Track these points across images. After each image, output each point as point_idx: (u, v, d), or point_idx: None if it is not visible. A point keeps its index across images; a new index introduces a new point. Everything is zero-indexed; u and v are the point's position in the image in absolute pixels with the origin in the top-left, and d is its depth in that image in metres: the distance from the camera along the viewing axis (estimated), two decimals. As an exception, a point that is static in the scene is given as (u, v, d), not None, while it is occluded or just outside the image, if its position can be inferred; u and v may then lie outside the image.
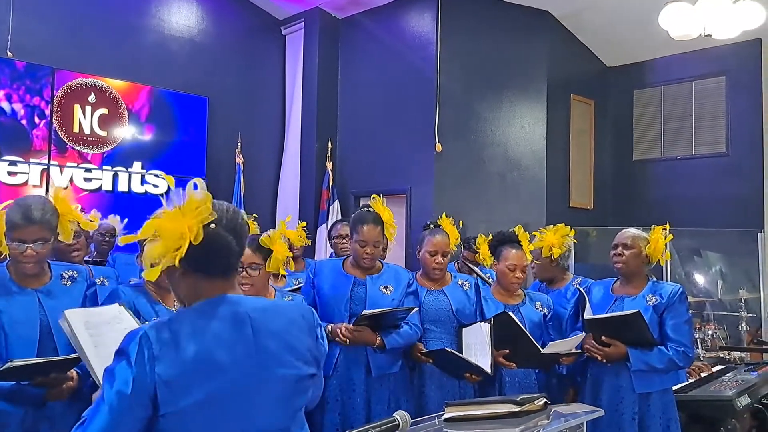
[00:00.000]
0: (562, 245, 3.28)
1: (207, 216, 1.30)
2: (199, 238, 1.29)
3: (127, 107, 6.06)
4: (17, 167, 5.40)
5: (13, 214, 2.16)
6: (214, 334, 1.29)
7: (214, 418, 1.26)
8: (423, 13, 6.37)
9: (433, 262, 3.00)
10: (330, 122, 7.11)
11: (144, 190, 6.13)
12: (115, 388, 1.21)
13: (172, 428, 1.23)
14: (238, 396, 1.28)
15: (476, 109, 6.21)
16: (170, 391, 1.22)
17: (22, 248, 2.15)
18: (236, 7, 7.17)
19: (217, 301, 1.33)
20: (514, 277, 3.03)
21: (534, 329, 2.88)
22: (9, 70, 5.36)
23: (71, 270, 2.38)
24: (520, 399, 1.50)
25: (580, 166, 6.90)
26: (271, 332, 1.35)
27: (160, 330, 1.26)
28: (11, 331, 2.16)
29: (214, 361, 1.27)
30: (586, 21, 6.61)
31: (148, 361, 1.22)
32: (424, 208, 6.09)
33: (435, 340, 2.95)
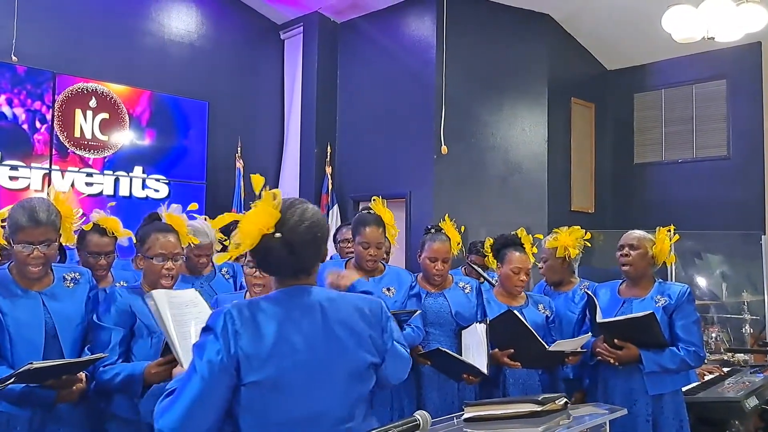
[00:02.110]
0: (576, 245, 3.26)
1: (265, 229, 1.42)
2: (253, 244, 1.43)
3: (128, 112, 6.05)
4: (18, 172, 5.38)
5: (18, 215, 2.13)
6: (288, 318, 1.42)
7: (284, 395, 1.38)
8: (423, 16, 6.37)
9: (433, 268, 2.99)
10: (329, 127, 7.10)
11: (145, 194, 6.12)
12: (205, 359, 1.35)
13: (251, 399, 1.36)
14: (307, 376, 1.40)
15: (476, 113, 6.22)
16: (250, 363, 1.35)
17: (30, 250, 2.13)
18: (235, 12, 7.18)
19: (292, 291, 1.47)
20: (518, 280, 3.02)
21: (537, 331, 2.84)
22: (10, 75, 5.35)
23: (73, 272, 2.36)
24: (541, 398, 1.49)
25: (581, 169, 6.91)
26: (339, 321, 1.46)
27: (241, 309, 1.39)
28: (16, 334, 2.14)
29: (288, 342, 1.39)
30: (586, 24, 6.63)
31: (232, 335, 1.36)
32: (424, 211, 6.08)
33: (435, 343, 2.93)
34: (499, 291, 3.12)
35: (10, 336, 2.13)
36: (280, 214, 1.44)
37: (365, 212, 3.01)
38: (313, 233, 1.47)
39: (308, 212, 1.47)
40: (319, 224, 1.49)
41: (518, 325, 2.72)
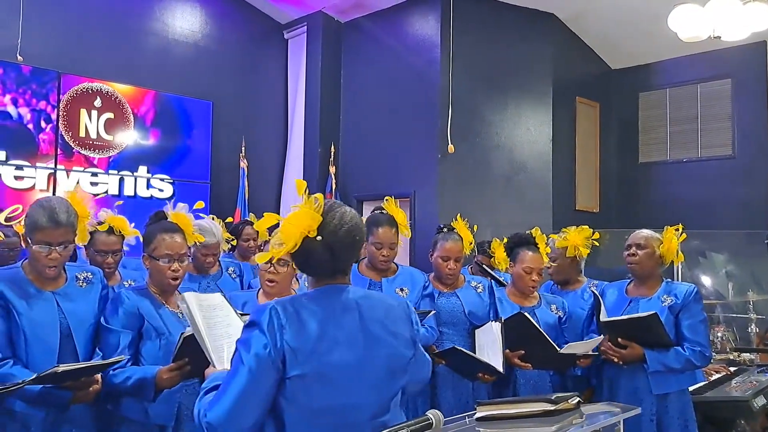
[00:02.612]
0: (586, 245, 3.26)
1: (307, 232, 1.48)
2: (296, 247, 1.49)
3: (132, 111, 6.06)
4: (24, 171, 5.39)
5: (38, 215, 2.11)
6: (329, 315, 1.48)
7: (327, 386, 1.43)
8: (427, 16, 6.37)
9: (446, 267, 2.98)
10: (333, 126, 7.10)
11: (149, 194, 6.13)
12: (252, 352, 1.40)
13: (295, 391, 1.41)
14: (348, 370, 1.46)
15: (481, 112, 6.21)
16: (295, 357, 1.40)
17: (47, 251, 2.12)
18: (239, 12, 7.18)
19: (332, 289, 1.53)
20: (530, 279, 3.01)
21: (549, 332, 2.85)
22: (15, 75, 5.36)
23: (86, 272, 2.35)
24: (554, 398, 1.48)
25: (585, 168, 6.90)
26: (375, 318, 1.53)
27: (285, 306, 1.45)
28: (32, 334, 2.13)
29: (330, 337, 1.45)
30: (590, 23, 6.62)
31: (278, 329, 1.41)
32: (428, 211, 6.07)
33: (448, 342, 2.92)
34: (511, 290, 3.12)
35: (26, 336, 2.12)
36: (321, 217, 1.49)
37: (378, 212, 3.01)
38: (352, 236, 1.52)
39: (347, 215, 1.52)
40: (358, 227, 1.55)
41: (529, 327, 2.71)
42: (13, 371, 2.05)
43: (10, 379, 1.99)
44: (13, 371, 2.05)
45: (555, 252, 3.31)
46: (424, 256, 5.18)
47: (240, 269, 3.70)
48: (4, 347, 2.10)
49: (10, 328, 2.12)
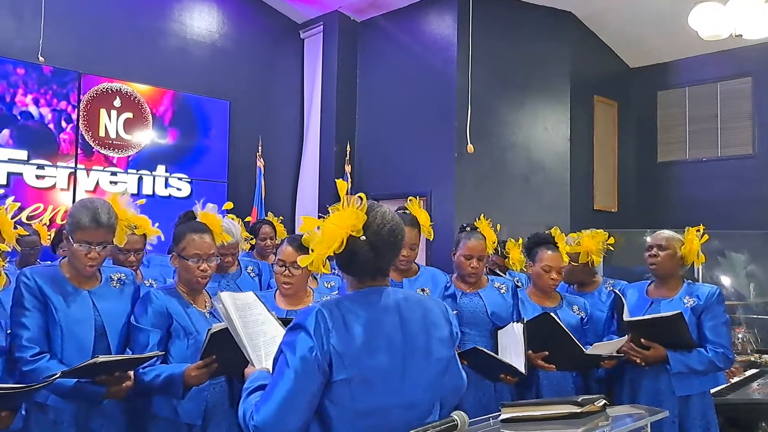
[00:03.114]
0: (600, 252, 3.23)
1: (349, 231, 1.47)
2: (341, 248, 1.48)
3: (151, 111, 6.11)
4: (45, 171, 5.46)
5: (81, 215, 2.18)
6: (372, 318, 1.48)
7: (372, 389, 1.44)
8: (444, 14, 6.36)
9: (469, 266, 2.96)
10: (349, 125, 7.12)
11: (168, 193, 6.18)
12: (298, 355, 1.40)
13: (340, 394, 1.42)
14: (390, 373, 1.46)
15: (498, 111, 6.19)
16: (341, 361, 1.41)
17: (87, 249, 2.18)
18: (256, 12, 7.21)
19: (373, 291, 1.53)
20: (549, 278, 3.00)
21: (572, 333, 2.82)
22: (37, 75, 5.43)
23: (119, 272, 2.41)
24: (580, 400, 1.47)
25: (603, 168, 6.85)
26: (414, 320, 1.53)
27: (331, 309, 1.45)
28: (68, 331, 2.19)
29: (374, 340, 1.46)
30: (608, 22, 6.57)
31: (324, 333, 1.41)
32: (444, 210, 6.06)
33: (470, 343, 2.89)
34: (532, 291, 3.10)
35: (62, 332, 2.19)
36: (366, 216, 1.48)
37: (401, 212, 3.00)
38: (395, 235, 1.53)
39: (388, 215, 1.53)
40: (399, 227, 1.55)
41: (555, 327, 2.68)
42: (49, 365, 2.11)
43: (46, 372, 2.05)
44: (49, 365, 2.11)
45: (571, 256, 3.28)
46: (440, 256, 5.20)
47: (259, 268, 3.72)
48: (42, 341, 2.17)
49: (47, 324, 2.19)
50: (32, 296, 2.19)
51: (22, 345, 2.14)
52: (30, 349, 2.14)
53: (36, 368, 2.11)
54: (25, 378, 2.13)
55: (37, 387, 1.95)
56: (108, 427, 2.27)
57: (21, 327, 2.16)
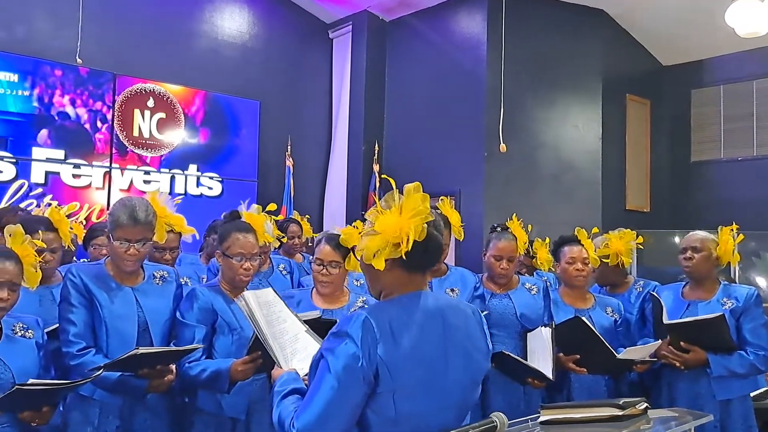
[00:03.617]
0: (629, 253, 3.18)
1: (428, 215, 1.43)
2: (423, 235, 1.42)
3: (183, 111, 6.20)
4: (81, 170, 5.57)
5: (119, 213, 2.25)
6: (418, 326, 1.42)
7: (415, 400, 1.39)
8: (473, 13, 6.33)
9: (498, 267, 2.94)
10: (377, 124, 7.13)
11: (199, 192, 6.26)
12: (342, 364, 1.35)
13: (384, 405, 1.37)
14: (434, 383, 1.41)
15: (528, 110, 6.14)
16: (388, 372, 1.36)
17: (126, 246, 2.25)
18: (285, 12, 7.27)
19: (417, 296, 1.47)
20: (574, 270, 2.97)
21: (605, 335, 2.78)
22: (73, 76, 5.54)
23: (162, 270, 2.47)
24: (622, 402, 1.45)
25: (636, 167, 6.76)
26: (456, 327, 1.48)
27: (378, 316, 1.40)
28: (112, 326, 2.25)
29: (420, 350, 1.41)
30: (641, 19, 6.48)
31: (372, 343, 1.36)
32: (474, 210, 6.04)
33: (499, 345, 2.87)
34: (564, 291, 3.07)
35: (107, 328, 2.25)
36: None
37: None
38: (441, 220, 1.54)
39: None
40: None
41: (587, 332, 2.65)
42: (95, 359, 2.18)
43: (91, 366, 2.11)
44: (95, 359, 2.18)
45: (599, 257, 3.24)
46: (470, 256, 5.18)
47: (290, 266, 3.76)
48: (87, 337, 2.24)
49: (93, 319, 2.25)
50: (78, 293, 2.26)
51: (69, 340, 2.22)
52: (76, 344, 2.22)
53: (82, 362, 2.18)
54: (72, 372, 2.19)
55: (78, 383, 2.00)
56: (152, 421, 2.32)
57: (68, 323, 2.24)
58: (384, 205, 1.47)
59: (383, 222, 1.44)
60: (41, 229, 2.57)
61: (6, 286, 2.00)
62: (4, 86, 5.18)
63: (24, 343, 2.09)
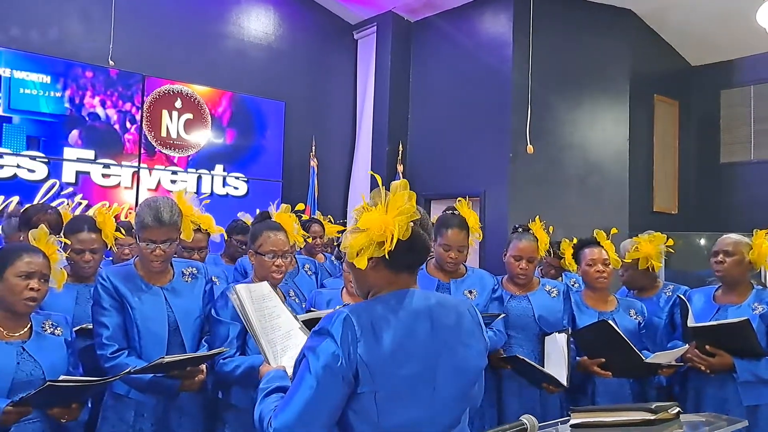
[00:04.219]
0: (659, 257, 3.14)
1: (413, 213, 1.39)
2: (407, 234, 1.38)
3: (210, 112, 6.27)
4: (110, 170, 5.67)
5: (144, 214, 2.28)
6: (403, 325, 1.38)
7: (399, 401, 1.35)
8: (499, 13, 6.30)
9: (518, 267, 2.93)
10: (401, 125, 7.14)
11: (225, 191, 6.33)
12: (321, 363, 1.32)
13: (366, 405, 1.33)
14: (421, 384, 1.37)
15: (554, 111, 6.10)
16: (368, 372, 1.32)
17: (153, 248, 2.28)
18: (310, 13, 7.32)
19: (403, 294, 1.43)
20: (595, 272, 2.95)
21: (629, 338, 2.73)
22: (104, 78, 5.64)
23: (191, 267, 2.49)
24: (654, 407, 1.44)
25: (664, 169, 6.67)
26: (447, 326, 1.43)
27: (359, 315, 1.36)
28: (143, 327, 2.29)
29: (403, 350, 1.36)
30: (670, 19, 6.39)
31: (352, 342, 1.32)
32: (498, 211, 6.01)
33: (516, 347, 2.88)
34: (587, 294, 3.05)
35: (138, 329, 2.29)
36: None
37: (449, 213, 2.99)
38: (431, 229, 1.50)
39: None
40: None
41: (613, 335, 2.62)
42: (128, 361, 2.22)
43: (125, 368, 2.14)
44: (128, 361, 2.22)
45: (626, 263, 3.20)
46: (494, 257, 5.16)
47: (315, 266, 3.78)
48: (120, 339, 2.28)
49: (124, 321, 2.29)
50: (109, 296, 2.29)
51: (103, 343, 2.26)
52: (110, 346, 2.26)
53: (116, 365, 2.22)
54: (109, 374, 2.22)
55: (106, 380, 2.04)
56: (185, 419, 2.36)
57: (101, 326, 2.28)
58: (370, 203, 1.43)
59: (368, 219, 1.40)
60: (84, 228, 2.63)
61: (36, 276, 2.04)
62: (37, 87, 5.29)
63: (53, 341, 2.13)
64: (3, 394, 1.96)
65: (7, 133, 5.14)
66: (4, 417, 1.88)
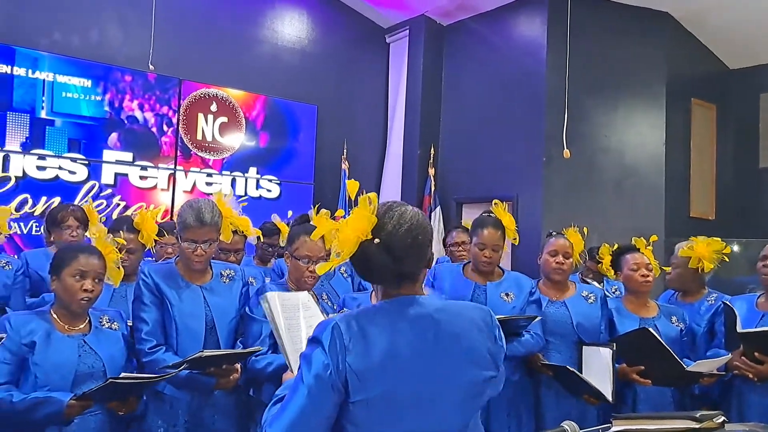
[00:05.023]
0: (713, 259, 3.09)
1: (362, 234, 1.35)
2: (351, 252, 1.35)
3: (244, 115, 6.35)
4: (148, 172, 5.78)
5: (186, 215, 2.35)
6: (399, 332, 1.33)
7: (396, 412, 1.31)
8: (533, 16, 6.27)
9: (554, 262, 2.95)
10: (433, 128, 7.15)
11: (259, 194, 6.40)
12: (312, 372, 1.30)
13: (359, 416, 1.30)
14: (417, 396, 1.32)
15: (589, 114, 6.04)
16: (359, 381, 1.29)
17: (194, 247, 2.34)
18: (343, 17, 7.37)
19: (403, 301, 1.38)
20: (640, 276, 2.94)
21: (670, 345, 2.70)
22: (142, 82, 5.76)
23: (229, 269, 2.55)
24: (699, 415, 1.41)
25: (701, 173, 6.55)
26: (453, 334, 1.37)
27: (350, 323, 1.32)
28: (181, 324, 2.35)
29: (398, 359, 1.32)
30: (707, 22, 6.29)
31: (340, 350, 1.29)
32: (532, 215, 5.97)
33: (553, 353, 2.88)
34: (628, 299, 3.03)
35: (177, 326, 2.34)
36: (377, 218, 1.36)
37: (485, 214, 3.02)
38: (414, 236, 1.37)
39: (407, 215, 1.38)
40: (420, 227, 1.39)
41: (654, 342, 2.59)
42: (165, 357, 2.28)
43: (162, 363, 2.21)
44: (165, 357, 2.28)
45: (677, 260, 3.18)
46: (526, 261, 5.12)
47: (351, 269, 3.79)
48: (158, 335, 2.34)
49: (163, 318, 2.35)
50: (150, 292, 2.35)
51: (142, 338, 2.32)
52: (148, 341, 2.31)
53: (153, 360, 2.28)
54: (146, 368, 2.29)
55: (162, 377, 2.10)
56: (218, 416, 2.40)
57: (140, 321, 2.34)
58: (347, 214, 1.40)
59: (341, 231, 1.38)
60: (123, 229, 2.70)
61: (90, 276, 2.11)
62: (79, 91, 5.42)
63: (111, 335, 2.21)
64: (66, 386, 2.05)
65: (49, 135, 5.28)
66: (68, 410, 1.96)
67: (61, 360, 2.06)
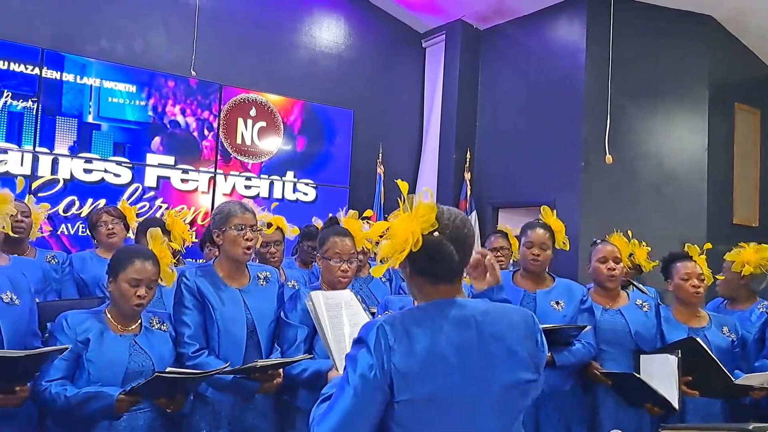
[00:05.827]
0: (758, 265, 3.04)
1: (428, 226, 1.37)
2: (418, 245, 1.37)
3: (282, 120, 6.45)
4: (189, 175, 5.90)
5: (227, 208, 2.45)
6: (443, 334, 1.35)
7: (439, 413, 1.32)
8: (572, 20, 6.22)
9: (605, 268, 2.91)
10: (469, 132, 7.13)
11: (295, 197, 6.48)
12: (358, 373, 1.32)
13: (404, 416, 1.31)
14: (461, 396, 1.33)
15: (629, 119, 5.96)
16: (404, 381, 1.30)
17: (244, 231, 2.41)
18: (380, 23, 7.41)
19: (446, 303, 1.40)
20: (690, 286, 2.88)
21: (721, 356, 2.68)
22: (184, 87, 5.89)
23: (265, 271, 2.58)
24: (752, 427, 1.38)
25: (744, 180, 6.40)
26: (494, 336, 1.38)
27: (394, 324, 1.34)
28: (224, 328, 2.38)
29: (442, 360, 1.33)
30: (752, 24, 6.15)
31: (385, 351, 1.31)
32: (570, 220, 5.82)
33: (610, 362, 2.83)
34: (677, 309, 2.98)
35: (219, 330, 2.37)
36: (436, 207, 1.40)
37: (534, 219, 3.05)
38: (468, 226, 1.43)
39: (453, 209, 1.44)
40: (467, 220, 1.45)
41: (701, 353, 2.55)
42: (208, 360, 2.31)
43: (206, 368, 2.23)
44: (208, 360, 2.31)
45: (724, 265, 3.13)
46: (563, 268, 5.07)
47: (389, 273, 3.81)
48: (201, 338, 2.36)
49: (205, 321, 2.37)
50: (191, 296, 2.37)
51: (185, 342, 2.34)
52: (191, 345, 2.33)
53: (197, 364, 2.29)
54: None
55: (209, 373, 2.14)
56: (258, 420, 2.43)
57: (183, 325, 2.36)
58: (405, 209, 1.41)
59: (395, 227, 1.39)
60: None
61: (145, 284, 2.17)
62: (124, 97, 5.57)
63: (161, 335, 2.27)
64: (117, 383, 2.11)
65: (96, 139, 5.43)
66: (118, 404, 2.01)
67: (112, 358, 2.13)
